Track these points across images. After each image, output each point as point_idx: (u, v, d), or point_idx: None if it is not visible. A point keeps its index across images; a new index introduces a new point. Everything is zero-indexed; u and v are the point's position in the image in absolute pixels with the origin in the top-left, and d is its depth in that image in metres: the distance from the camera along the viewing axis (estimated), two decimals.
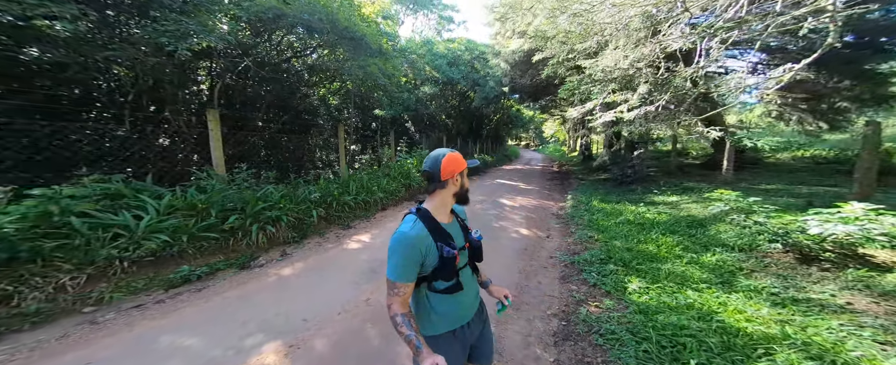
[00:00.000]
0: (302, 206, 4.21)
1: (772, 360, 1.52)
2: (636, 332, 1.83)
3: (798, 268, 2.54)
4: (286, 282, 2.79)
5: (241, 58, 4.56)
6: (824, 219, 2.59)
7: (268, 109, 5.92)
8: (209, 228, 3.15)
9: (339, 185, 5.21)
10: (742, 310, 1.97)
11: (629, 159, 6.57)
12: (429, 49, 10.81)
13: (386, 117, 9.90)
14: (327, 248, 3.66)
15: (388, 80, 6.40)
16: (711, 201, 3.67)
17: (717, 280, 2.41)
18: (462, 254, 0.93)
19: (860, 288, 2.17)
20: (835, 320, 1.83)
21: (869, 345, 1.59)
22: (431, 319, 0.91)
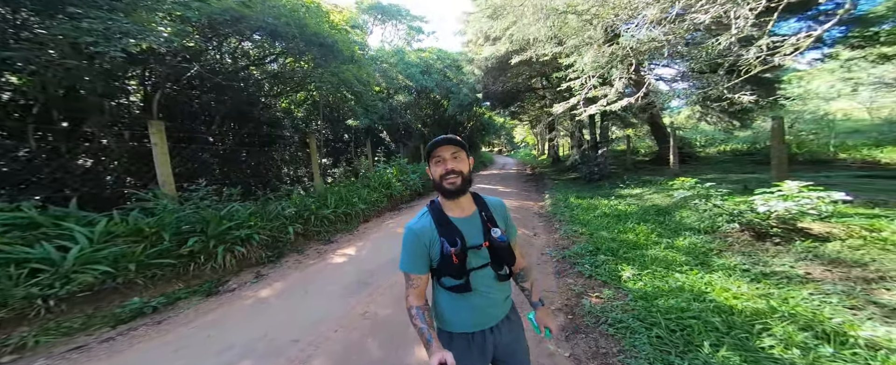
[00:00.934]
0: (275, 223, 3.76)
1: (771, 334, 1.50)
2: (643, 318, 1.77)
3: (756, 244, 2.70)
4: (266, 304, 2.42)
5: (188, 64, 3.94)
6: (767, 198, 2.81)
7: (223, 122, 5.24)
8: (162, 254, 2.64)
9: (315, 198, 4.77)
10: (727, 288, 2.01)
11: (595, 158, 6.90)
12: (400, 58, 10.61)
13: (359, 127, 9.41)
14: (309, 264, 3.28)
15: (363, 87, 6.05)
16: (672, 190, 3.87)
17: (695, 262, 2.47)
18: (476, 253, 0.79)
19: (810, 258, 2.33)
20: (804, 290, 1.91)
21: (841, 311, 1.65)
22: (443, 316, 0.86)
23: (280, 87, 6.49)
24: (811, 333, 1.49)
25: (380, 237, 4.22)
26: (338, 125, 8.92)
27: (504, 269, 0.84)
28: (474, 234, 0.81)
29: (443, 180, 0.77)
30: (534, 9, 3.69)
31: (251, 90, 5.70)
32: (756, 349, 1.42)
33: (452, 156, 0.78)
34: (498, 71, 7.91)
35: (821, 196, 2.56)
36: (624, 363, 1.48)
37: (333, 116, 8.47)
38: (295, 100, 7.18)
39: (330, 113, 8.16)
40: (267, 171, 5.93)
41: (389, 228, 4.74)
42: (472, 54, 9.40)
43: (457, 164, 0.77)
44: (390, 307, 2.25)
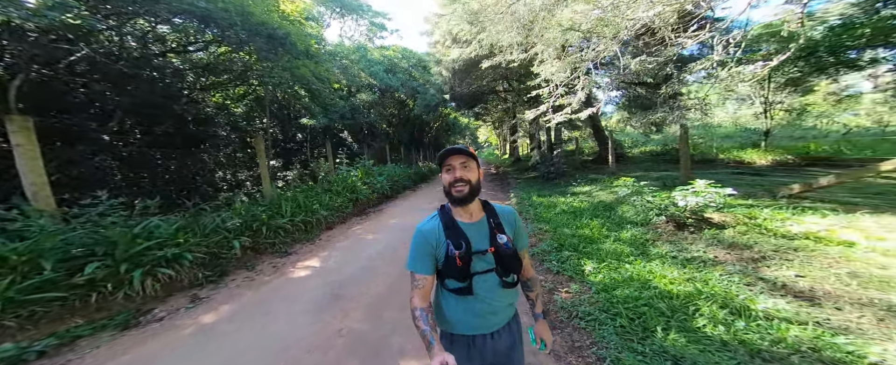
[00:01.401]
0: (213, 237, 3.18)
1: (701, 314, 1.75)
2: (607, 310, 1.91)
3: (678, 234, 3.19)
4: (215, 331, 2.05)
5: (71, 45, 3.00)
6: (684, 194, 3.35)
7: (124, 118, 4.17)
8: (44, 287, 2.04)
9: (266, 206, 4.16)
10: (664, 275, 2.29)
11: (551, 159, 7.44)
12: (362, 55, 9.89)
13: (316, 127, 8.51)
14: (263, 281, 2.87)
15: (321, 84, 5.42)
16: (616, 188, 4.35)
17: (637, 252, 2.78)
18: (481, 258, 0.81)
19: (715, 243, 2.84)
20: (715, 272, 2.29)
21: (743, 288, 2.02)
22: (445, 317, 0.87)
23: (210, 80, 5.39)
24: (727, 310, 1.78)
25: (347, 245, 3.88)
26: (289, 124, 7.88)
27: (509, 276, 0.84)
28: (480, 239, 0.82)
29: (451, 188, 0.80)
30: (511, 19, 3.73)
31: (169, 81, 4.61)
32: (694, 329, 1.64)
33: (462, 165, 0.80)
34: (465, 73, 7.91)
35: (718, 191, 3.14)
36: (597, 355, 1.58)
37: (283, 114, 7.44)
38: (232, 95, 6.07)
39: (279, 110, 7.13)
40: (194, 176, 4.90)
41: (357, 234, 4.39)
42: (440, 55, 9.22)
43: (465, 172, 0.79)
44: (368, 321, 2.07)
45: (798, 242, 2.58)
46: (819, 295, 1.86)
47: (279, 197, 4.66)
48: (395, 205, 6.52)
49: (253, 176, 6.26)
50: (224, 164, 5.72)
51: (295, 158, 7.91)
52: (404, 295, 2.39)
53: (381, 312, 2.18)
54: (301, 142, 8.27)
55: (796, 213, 3.24)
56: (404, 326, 1.96)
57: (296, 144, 8.14)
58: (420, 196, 7.55)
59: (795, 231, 2.80)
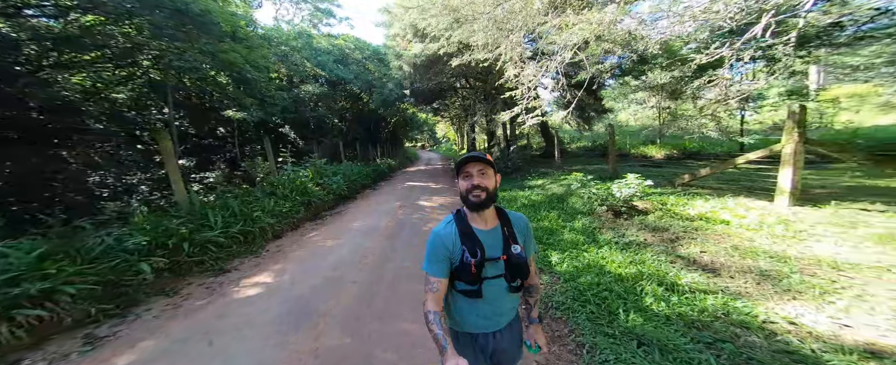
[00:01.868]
0: (105, 262, 2.41)
1: (646, 293, 2.03)
2: (576, 298, 2.08)
3: (616, 221, 3.69)
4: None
5: None
6: (619, 186, 3.89)
7: None
8: None
9: (183, 218, 3.33)
10: (613, 260, 2.61)
11: (509, 154, 7.81)
12: (307, 42, 8.56)
13: (247, 121, 7.11)
14: (195, 307, 2.34)
15: (258, 73, 4.46)
16: (565, 181, 4.80)
17: (589, 240, 3.12)
18: (493, 265, 0.83)
19: (643, 228, 3.38)
20: (648, 253, 2.72)
21: (668, 266, 2.43)
22: (451, 314, 0.91)
23: (70, 56, 3.84)
24: (663, 287, 2.11)
25: (304, 255, 3.37)
26: (204, 116, 6.30)
27: (516, 281, 0.86)
28: (494, 246, 0.84)
29: (468, 194, 0.81)
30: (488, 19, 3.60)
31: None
32: (643, 307, 1.90)
33: (480, 172, 0.81)
34: (426, 69, 7.56)
35: (641, 182, 3.74)
36: (576, 342, 1.70)
37: (194, 104, 5.87)
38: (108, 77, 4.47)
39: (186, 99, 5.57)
40: (48, 182, 3.48)
41: (314, 241, 3.87)
42: (401, 49, 8.56)
43: (483, 180, 0.80)
44: (346, 336, 1.84)
45: (696, 224, 3.25)
46: (717, 266, 2.37)
47: (204, 205, 3.72)
48: (355, 206, 6.01)
49: (150, 180, 4.84)
50: (101, 165, 4.22)
51: (216, 157, 6.43)
52: (383, 302, 2.21)
53: (359, 325, 1.97)
54: (224, 137, 6.75)
55: (689, 198, 4.09)
56: (389, 337, 1.81)
57: (216, 141, 6.59)
58: (381, 195, 7.11)
59: (692, 214, 3.54)
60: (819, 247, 2.40)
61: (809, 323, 1.60)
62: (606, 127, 6.09)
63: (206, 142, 6.43)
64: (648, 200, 4.04)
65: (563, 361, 1.60)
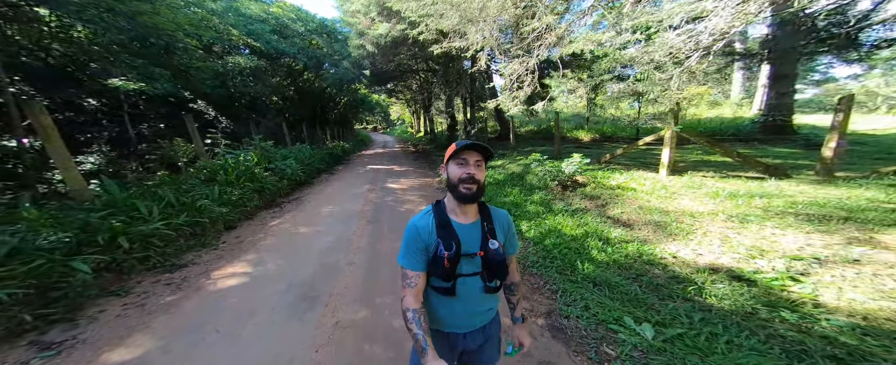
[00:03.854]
0: (22, 264, 1.96)
1: (592, 247, 2.64)
2: (545, 257, 2.57)
3: (563, 193, 4.42)
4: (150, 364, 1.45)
5: None
6: (567, 163, 4.61)
7: None
8: None
9: (105, 211, 2.74)
10: (566, 224, 3.20)
11: (470, 137, 8.08)
12: (230, 5, 6.71)
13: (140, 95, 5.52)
14: (165, 302, 2.11)
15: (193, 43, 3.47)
16: (522, 161, 5.37)
17: (546, 210, 3.70)
18: (469, 261, 0.78)
19: (584, 197, 4.16)
20: (588, 217, 3.42)
21: (603, 225, 3.13)
22: (428, 312, 0.83)
23: None
24: (601, 241, 2.76)
25: (276, 243, 3.12)
26: (64, 83, 4.52)
27: (494, 281, 0.81)
28: (472, 241, 0.78)
29: (460, 184, 0.74)
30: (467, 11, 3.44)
31: None
32: (593, 258, 2.49)
33: (476, 163, 0.75)
34: (389, 50, 6.89)
35: (581, 161, 4.53)
36: (550, 288, 2.16)
37: (45, 64, 4.09)
38: None
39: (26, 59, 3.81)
40: None
41: (281, 229, 3.60)
42: (363, 27, 7.45)
43: (478, 172, 0.75)
44: (363, 309, 1.95)
45: (617, 192, 4.18)
46: (631, 222, 3.18)
47: (128, 196, 2.96)
48: (317, 192, 5.56)
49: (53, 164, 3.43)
50: None
51: (89, 137, 4.82)
52: (387, 282, 2.32)
53: (371, 299, 2.09)
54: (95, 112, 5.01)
55: (610, 172, 5.14)
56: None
57: (85, 116, 4.85)
58: (344, 179, 6.68)
59: (613, 184, 4.51)
60: (683, 203, 3.44)
61: (683, 255, 2.39)
62: (548, 113, 6.91)
63: (66, 116, 4.57)
64: (585, 175, 4.91)
65: (544, 306, 2.02)
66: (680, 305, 1.81)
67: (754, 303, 1.73)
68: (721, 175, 4.32)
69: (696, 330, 1.57)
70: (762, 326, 1.56)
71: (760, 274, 1.98)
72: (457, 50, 4.40)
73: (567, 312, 1.88)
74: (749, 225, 2.58)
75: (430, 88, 10.17)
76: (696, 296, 1.88)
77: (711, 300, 1.82)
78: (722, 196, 3.34)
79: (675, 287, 2.00)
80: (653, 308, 1.81)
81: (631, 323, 1.68)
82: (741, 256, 2.21)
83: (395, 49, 6.50)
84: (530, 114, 12.25)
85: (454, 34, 4.11)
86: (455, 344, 0.83)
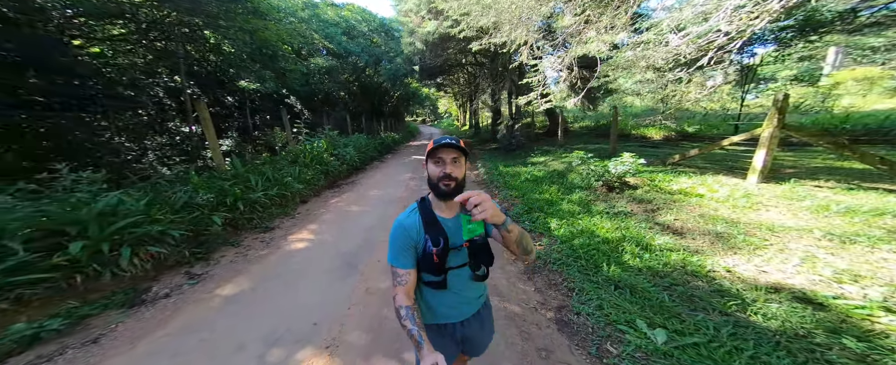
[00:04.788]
0: (189, 213, 2.92)
1: (625, 251, 2.52)
2: (570, 255, 2.56)
3: (609, 195, 4.13)
4: (243, 299, 2.12)
5: None
6: (616, 163, 4.25)
7: None
8: (20, 269, 1.80)
9: (231, 179, 3.77)
10: (603, 226, 3.07)
11: (513, 132, 7.99)
12: (314, 13, 8.09)
13: (260, 92, 7.13)
14: (259, 256, 2.82)
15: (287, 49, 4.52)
16: (567, 158, 5.14)
17: (584, 210, 3.57)
18: (456, 253, 0.81)
19: (632, 200, 3.82)
20: (631, 221, 3.18)
21: (647, 230, 2.90)
22: (420, 306, 0.87)
23: (93, 24, 3.87)
24: (640, 246, 2.60)
25: (333, 218, 3.86)
26: (215, 86, 6.28)
27: (481, 269, 0.84)
28: (457, 234, 0.81)
29: (439, 182, 0.76)
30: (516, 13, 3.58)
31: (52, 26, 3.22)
32: (622, 262, 2.39)
33: (453, 160, 0.76)
34: (437, 46, 7.34)
35: (635, 161, 4.11)
36: (568, 287, 2.19)
37: (204, 72, 5.83)
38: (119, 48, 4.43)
39: (198, 68, 5.53)
40: (82, 145, 3.73)
41: (338, 207, 4.33)
42: (414, 25, 8.14)
43: (455, 169, 0.76)
44: (388, 280, 2.33)
45: (675, 197, 3.69)
46: (685, 230, 2.84)
47: (246, 170, 4.13)
48: (368, 177, 6.39)
49: (169, 145, 5.11)
50: (123, 130, 4.45)
51: (225, 126, 6.61)
52: None
53: None
54: (232, 107, 6.81)
55: (675, 175, 4.49)
56: None
57: (225, 109, 6.69)
58: (390, 167, 7.47)
59: (674, 189, 3.96)
60: (766, 215, 2.85)
61: (740, 270, 2.09)
62: (611, 108, 6.20)
63: (213, 110, 6.48)
64: (640, 176, 4.44)
65: (556, 301, 2.03)
66: (713, 317, 1.68)
67: (813, 326, 1.49)
68: (847, 186, 3.38)
69: (718, 342, 1.46)
70: (810, 349, 1.37)
71: (841, 300, 1.66)
72: (496, 46, 4.46)
73: (578, 309, 1.89)
74: (853, 246, 2.08)
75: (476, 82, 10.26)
76: (738, 312, 1.70)
77: (756, 318, 1.63)
78: (833, 211, 2.68)
79: (715, 300, 1.82)
80: (676, 316, 1.72)
81: (643, 326, 1.64)
82: (823, 278, 1.85)
83: (443, 45, 6.84)
84: (588, 108, 11.12)
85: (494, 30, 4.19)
86: (455, 334, 0.87)
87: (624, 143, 8.31)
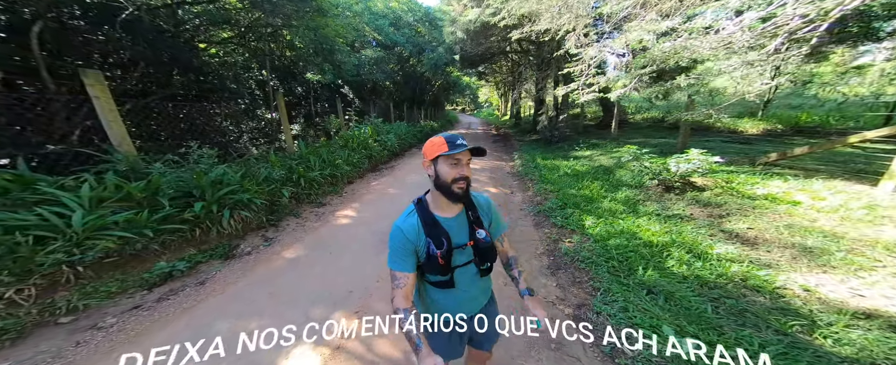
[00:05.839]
0: (267, 185, 3.61)
1: (671, 257, 2.33)
2: (601, 255, 2.47)
3: (664, 195, 3.72)
4: (299, 263, 2.59)
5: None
6: (678, 161, 3.77)
7: (142, 69, 4.14)
8: (167, 220, 2.52)
9: (296, 160, 4.52)
10: (648, 228, 2.84)
11: (556, 123, 7.57)
12: (366, 6, 8.81)
13: (320, 83, 8.19)
14: (313, 227, 3.36)
15: (342, 42, 5.21)
16: (617, 153, 4.73)
17: (628, 210, 3.33)
18: (461, 252, 0.82)
19: (694, 203, 3.39)
20: (688, 226, 2.87)
21: (705, 238, 2.60)
22: (426, 304, 0.89)
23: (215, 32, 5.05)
24: (692, 254, 2.37)
25: (373, 199, 4.35)
26: (289, 78, 7.53)
27: (486, 264, 0.86)
28: (460, 233, 0.82)
29: (453, 183, 0.76)
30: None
31: (189, 33, 4.39)
32: (664, 267, 2.22)
33: (468, 162, 0.78)
34: (478, 34, 7.35)
35: (706, 159, 3.57)
36: (593, 286, 2.14)
37: (282, 66, 7.02)
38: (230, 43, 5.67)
39: (278, 63, 6.72)
40: (204, 127, 4.96)
41: (378, 189, 4.83)
42: (456, 14, 8.31)
43: (469, 171, 0.78)
44: None
45: (758, 202, 3.13)
46: (759, 241, 2.45)
47: (309, 152, 4.96)
48: (406, 162, 6.82)
49: (254, 129, 6.37)
50: (232, 116, 5.73)
51: (295, 113, 7.86)
52: None
53: None
54: (300, 96, 8.04)
55: (765, 178, 3.75)
56: None
57: (295, 98, 7.96)
58: None
59: (759, 193, 3.34)
60: (891, 232, 2.25)
61: (825, 291, 1.77)
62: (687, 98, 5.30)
63: (287, 99, 7.86)
64: (712, 177, 3.87)
65: (577, 299, 1.98)
66: (764, 334, 1.52)
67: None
68: None
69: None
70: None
71: None
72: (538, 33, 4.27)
73: (600, 309, 1.83)
74: None
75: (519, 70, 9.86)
76: (800, 333, 1.49)
77: (822, 341, 1.42)
78: None
79: (774, 318, 1.62)
80: (715, 328, 1.58)
81: (669, 332, 1.56)
82: None
83: (484, 33, 6.77)
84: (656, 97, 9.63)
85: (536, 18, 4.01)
86: (462, 332, 0.88)
87: (701, 138, 7.12)
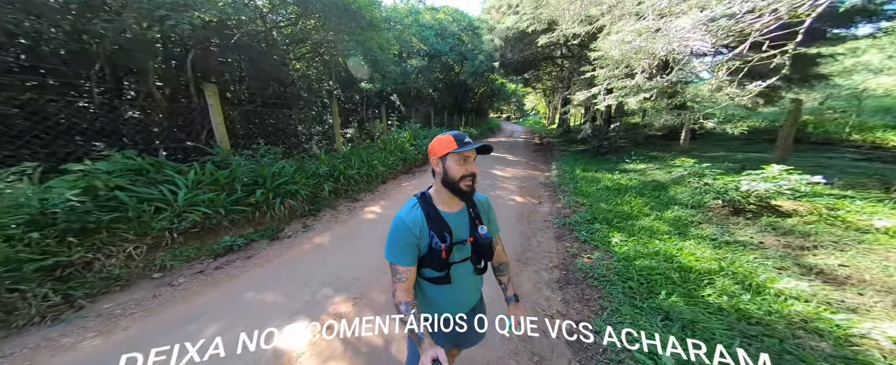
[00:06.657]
0: (313, 180, 4.31)
1: (712, 287, 2.06)
2: (621, 274, 2.31)
3: (731, 218, 3.20)
4: (323, 249, 3.03)
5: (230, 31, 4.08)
6: (752, 179, 3.21)
7: (248, 82, 5.45)
8: (237, 202, 3.24)
9: (340, 159, 5.26)
10: (693, 253, 2.53)
11: (606, 132, 7.07)
12: (415, 19, 9.97)
13: (372, 91, 9.43)
14: (343, 219, 3.85)
15: (384, 53, 6.11)
16: (673, 168, 4.25)
17: (675, 231, 2.98)
18: (461, 248, 0.86)
19: (769, 230, 2.84)
20: (751, 255, 2.45)
21: (770, 270, 2.20)
22: (419, 300, 0.92)
23: (296, 50, 6.51)
24: (741, 285, 2.04)
25: (401, 198, 4.78)
26: (349, 87, 8.95)
27: (482, 263, 0.91)
28: (461, 229, 0.86)
29: (461, 180, 0.80)
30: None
31: (280, 52, 5.81)
32: (697, 297, 1.96)
33: (475, 160, 0.83)
34: (517, 42, 7.58)
35: (798, 179, 2.96)
36: (601, 305, 2.02)
37: (343, 77, 8.45)
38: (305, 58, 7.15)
39: (342, 74, 8.14)
40: (286, 130, 6.30)
41: (407, 189, 5.28)
42: (494, 22, 8.80)
43: (476, 168, 0.82)
44: None
45: (869, 236, 2.46)
46: (850, 280, 1.97)
47: (350, 153, 5.79)
48: None
49: (320, 132, 7.69)
50: (304, 121, 7.15)
51: (352, 118, 9.21)
52: None
53: None
54: (357, 103, 9.41)
55: (884, 206, 2.90)
56: None
57: (353, 105, 9.37)
58: None
59: (878, 226, 2.61)
60: None
61: None
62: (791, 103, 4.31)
63: (346, 106, 9.39)
64: (808, 201, 3.18)
65: (579, 316, 1.89)
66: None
67: None
68: None
69: None
70: None
71: None
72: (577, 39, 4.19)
73: (600, 328, 1.71)
74: None
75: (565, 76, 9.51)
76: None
77: None
78: None
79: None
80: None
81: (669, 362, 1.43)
82: None
83: (522, 40, 6.90)
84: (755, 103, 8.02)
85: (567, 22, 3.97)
86: (451, 330, 0.91)
87: (820, 154, 5.72)
